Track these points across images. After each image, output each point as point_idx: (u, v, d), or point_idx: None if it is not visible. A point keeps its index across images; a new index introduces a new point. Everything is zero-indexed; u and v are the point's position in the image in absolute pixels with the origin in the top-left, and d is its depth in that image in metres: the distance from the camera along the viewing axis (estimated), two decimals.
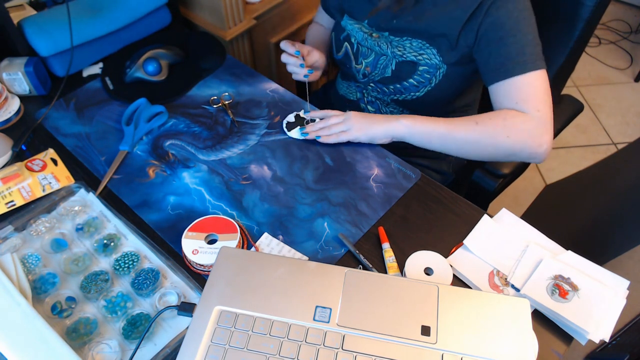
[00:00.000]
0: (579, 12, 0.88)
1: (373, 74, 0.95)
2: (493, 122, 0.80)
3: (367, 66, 0.95)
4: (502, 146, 0.80)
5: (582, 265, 0.69)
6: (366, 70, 0.96)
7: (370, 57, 0.94)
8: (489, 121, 0.80)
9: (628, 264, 1.39)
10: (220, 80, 1.00)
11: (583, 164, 1.93)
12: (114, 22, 1.01)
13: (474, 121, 0.81)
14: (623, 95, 2.22)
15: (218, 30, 1.31)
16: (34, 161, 0.83)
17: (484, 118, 0.81)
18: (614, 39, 2.47)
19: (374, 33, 0.91)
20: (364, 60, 0.95)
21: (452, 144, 0.83)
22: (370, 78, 0.96)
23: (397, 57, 0.90)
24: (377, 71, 0.94)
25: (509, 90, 0.80)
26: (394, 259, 0.70)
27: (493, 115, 0.81)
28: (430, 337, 0.57)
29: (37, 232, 0.73)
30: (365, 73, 0.96)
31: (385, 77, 0.93)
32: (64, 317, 0.64)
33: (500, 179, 0.90)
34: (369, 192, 0.80)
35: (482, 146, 0.81)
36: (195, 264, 0.69)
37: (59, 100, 0.96)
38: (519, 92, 0.79)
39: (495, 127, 0.79)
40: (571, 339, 0.64)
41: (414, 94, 0.92)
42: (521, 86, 0.79)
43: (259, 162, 0.85)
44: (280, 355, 0.56)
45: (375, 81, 0.96)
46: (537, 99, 0.78)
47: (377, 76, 0.95)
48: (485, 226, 0.74)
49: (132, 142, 0.86)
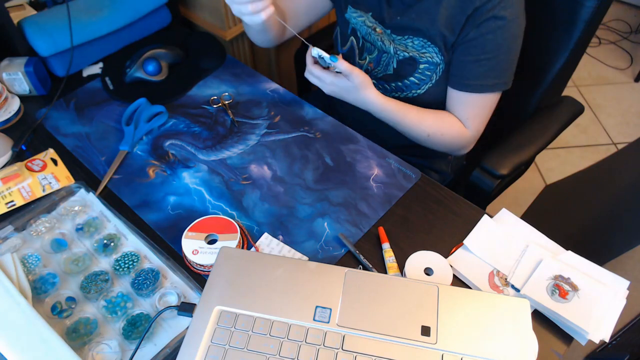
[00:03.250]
0: (579, 13, 0.88)
1: (376, 71, 0.95)
2: (443, 138, 0.91)
3: (370, 62, 0.95)
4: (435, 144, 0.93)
5: (582, 265, 0.69)
6: (369, 67, 0.96)
7: (374, 53, 0.93)
8: (440, 137, 0.90)
9: (628, 264, 1.39)
10: (220, 80, 1.00)
11: (583, 164, 1.93)
12: (114, 22, 1.01)
13: (427, 133, 0.90)
14: (623, 95, 2.22)
15: (218, 30, 1.31)
16: (34, 161, 0.83)
17: (436, 132, 0.90)
18: (614, 39, 2.47)
19: (377, 28, 0.91)
20: (369, 55, 0.95)
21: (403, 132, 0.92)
22: (372, 74, 0.96)
23: (400, 54, 0.90)
24: (380, 68, 0.94)
25: (463, 103, 0.89)
26: (394, 259, 0.70)
27: (445, 131, 0.90)
28: (430, 337, 0.57)
29: (37, 232, 0.73)
30: (368, 69, 0.96)
31: (388, 75, 0.93)
32: (64, 317, 0.64)
33: (498, 180, 0.90)
34: (369, 192, 0.80)
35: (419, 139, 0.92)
36: (195, 264, 0.69)
37: (59, 100, 0.96)
38: (471, 108, 0.89)
39: (443, 142, 0.91)
40: (571, 339, 0.64)
41: (415, 92, 0.92)
42: (474, 103, 0.88)
43: (259, 162, 0.85)
44: (280, 355, 0.56)
45: (377, 78, 0.96)
46: (481, 120, 0.91)
47: (379, 73, 0.95)
48: (485, 226, 0.74)
49: (132, 142, 0.86)
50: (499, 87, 0.86)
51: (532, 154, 0.96)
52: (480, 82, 0.85)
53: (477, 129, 0.91)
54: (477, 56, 0.83)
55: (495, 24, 0.79)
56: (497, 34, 0.80)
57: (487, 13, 0.78)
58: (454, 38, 0.83)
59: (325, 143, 0.88)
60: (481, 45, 0.82)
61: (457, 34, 0.82)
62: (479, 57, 0.83)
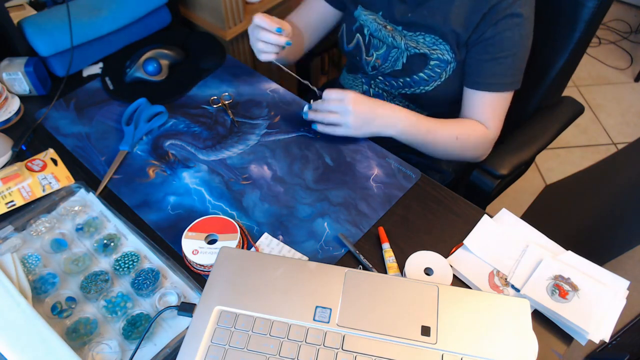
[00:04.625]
0: (580, 13, 0.88)
1: (383, 67, 0.95)
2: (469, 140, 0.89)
3: (377, 58, 0.95)
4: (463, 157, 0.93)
5: (582, 265, 0.69)
6: (376, 63, 0.95)
7: (382, 49, 0.93)
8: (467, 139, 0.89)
9: (628, 264, 1.39)
10: (220, 80, 1.00)
11: (583, 164, 1.93)
12: (114, 22, 1.01)
13: (455, 136, 0.88)
14: (623, 95, 2.22)
15: (218, 30, 1.31)
16: (34, 161, 0.83)
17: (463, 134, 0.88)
18: (614, 39, 2.47)
19: (388, 25, 0.91)
20: (375, 52, 0.95)
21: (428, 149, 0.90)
22: (380, 71, 0.96)
23: (410, 49, 0.89)
24: (388, 64, 0.94)
25: (483, 103, 0.88)
26: (394, 259, 0.70)
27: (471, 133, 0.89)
28: (430, 338, 0.57)
29: (37, 232, 0.73)
30: (375, 65, 0.96)
31: (396, 70, 0.93)
32: (64, 317, 0.64)
33: (498, 180, 0.90)
34: (369, 192, 0.80)
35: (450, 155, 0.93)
36: (195, 264, 0.69)
37: (59, 100, 0.96)
38: (490, 108, 0.88)
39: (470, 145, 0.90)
40: (571, 339, 0.64)
41: (423, 88, 0.92)
42: (493, 103, 0.88)
43: (259, 162, 0.85)
44: (280, 355, 0.56)
45: (385, 74, 0.95)
46: (500, 120, 0.90)
47: (387, 69, 0.94)
48: (485, 226, 0.74)
49: (132, 142, 0.86)
50: (515, 85, 0.86)
51: (532, 154, 0.96)
52: (499, 80, 0.85)
53: (497, 129, 0.90)
54: (495, 54, 0.82)
55: (512, 21, 0.79)
56: (515, 32, 0.80)
57: (504, 11, 0.78)
58: (467, 35, 0.83)
59: (325, 143, 0.88)
60: (499, 43, 0.81)
61: (471, 32, 0.82)
62: (497, 55, 0.82)
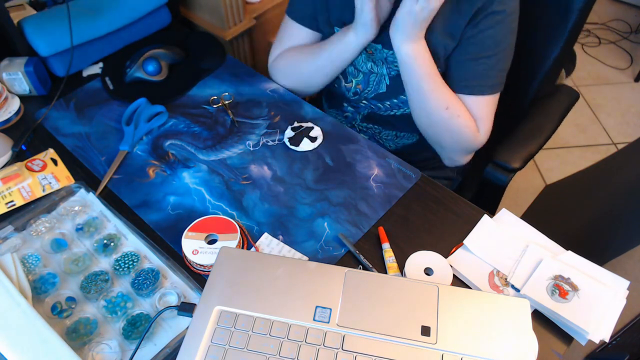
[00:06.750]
0: (574, 1, 0.89)
1: (366, 92, 0.91)
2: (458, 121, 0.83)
3: (358, 84, 0.91)
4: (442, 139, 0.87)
5: (582, 265, 0.69)
6: (357, 88, 0.91)
7: (358, 76, 0.90)
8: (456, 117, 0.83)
9: (628, 264, 1.39)
10: (220, 80, 1.00)
11: (583, 164, 1.93)
12: (114, 22, 1.01)
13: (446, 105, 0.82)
14: (623, 95, 2.22)
15: (218, 30, 1.31)
16: (34, 161, 0.83)
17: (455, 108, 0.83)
18: (614, 39, 2.47)
19: (367, 48, 0.86)
20: (354, 79, 0.91)
21: (415, 102, 0.84)
22: (362, 96, 0.92)
23: (392, 71, 0.86)
24: (370, 87, 0.90)
25: (468, 106, 0.84)
26: (394, 259, 0.70)
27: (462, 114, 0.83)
28: (430, 338, 0.57)
29: (37, 232, 0.73)
30: (356, 91, 0.92)
31: (380, 93, 0.90)
32: (64, 317, 0.64)
33: (512, 174, 0.91)
34: (369, 192, 0.80)
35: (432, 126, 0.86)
36: (195, 264, 0.69)
37: (59, 100, 0.96)
38: (477, 110, 0.84)
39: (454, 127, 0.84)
40: (571, 339, 0.64)
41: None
42: (478, 105, 0.84)
43: (259, 162, 0.85)
44: (280, 355, 0.56)
45: (369, 99, 0.92)
46: (489, 120, 0.86)
47: (370, 93, 0.91)
48: (485, 226, 0.74)
49: (132, 142, 0.86)
50: (499, 87, 0.83)
51: (541, 144, 0.96)
52: (481, 82, 0.81)
53: (486, 132, 0.87)
54: (477, 54, 0.79)
55: (493, 19, 0.76)
56: (497, 29, 0.77)
57: (485, 10, 0.75)
58: (454, 44, 0.80)
59: (325, 143, 0.88)
60: (480, 43, 0.78)
61: (459, 39, 0.79)
62: (478, 55, 0.79)
